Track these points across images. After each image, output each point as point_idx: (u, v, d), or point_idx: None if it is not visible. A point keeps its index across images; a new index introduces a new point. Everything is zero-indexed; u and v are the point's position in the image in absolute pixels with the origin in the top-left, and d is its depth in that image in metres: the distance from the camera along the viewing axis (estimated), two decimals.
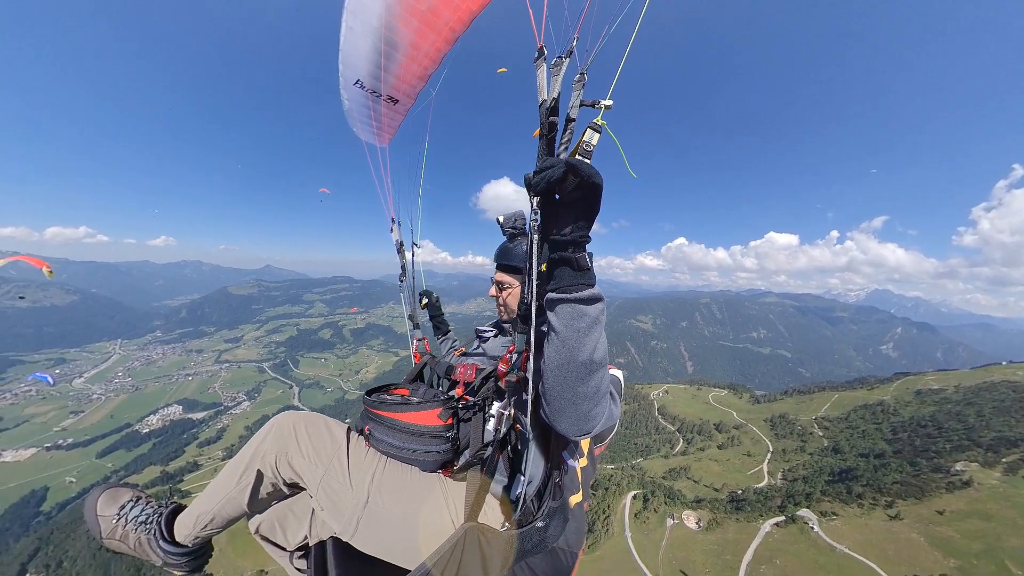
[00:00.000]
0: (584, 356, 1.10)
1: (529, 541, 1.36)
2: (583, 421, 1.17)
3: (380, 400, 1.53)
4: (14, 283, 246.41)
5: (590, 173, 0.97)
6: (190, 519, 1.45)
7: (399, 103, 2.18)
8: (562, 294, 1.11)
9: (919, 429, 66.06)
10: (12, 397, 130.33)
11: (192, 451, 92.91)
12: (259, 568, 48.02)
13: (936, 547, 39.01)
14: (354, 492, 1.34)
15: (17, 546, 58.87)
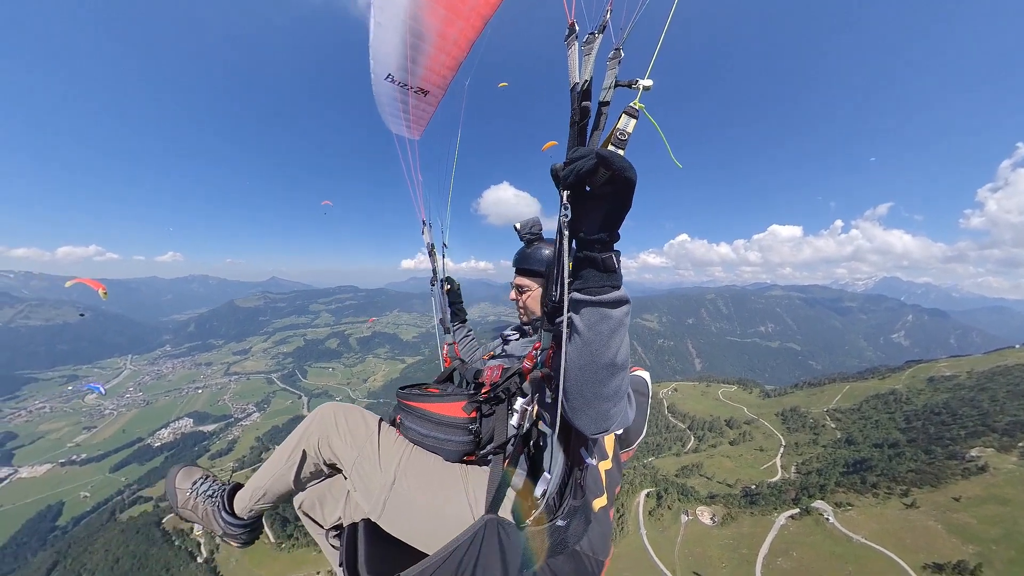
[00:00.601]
0: (607, 358, 1.09)
1: (549, 539, 1.37)
2: (601, 420, 1.17)
3: (411, 393, 1.64)
4: (26, 302, 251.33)
5: (623, 166, 0.89)
6: (247, 494, 1.68)
7: (429, 94, 2.19)
8: (587, 295, 1.07)
9: (933, 417, 65.27)
10: (27, 414, 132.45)
11: (204, 463, 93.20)
12: None
13: (954, 534, 38.65)
14: (382, 474, 1.46)
15: (35, 560, 59.70)
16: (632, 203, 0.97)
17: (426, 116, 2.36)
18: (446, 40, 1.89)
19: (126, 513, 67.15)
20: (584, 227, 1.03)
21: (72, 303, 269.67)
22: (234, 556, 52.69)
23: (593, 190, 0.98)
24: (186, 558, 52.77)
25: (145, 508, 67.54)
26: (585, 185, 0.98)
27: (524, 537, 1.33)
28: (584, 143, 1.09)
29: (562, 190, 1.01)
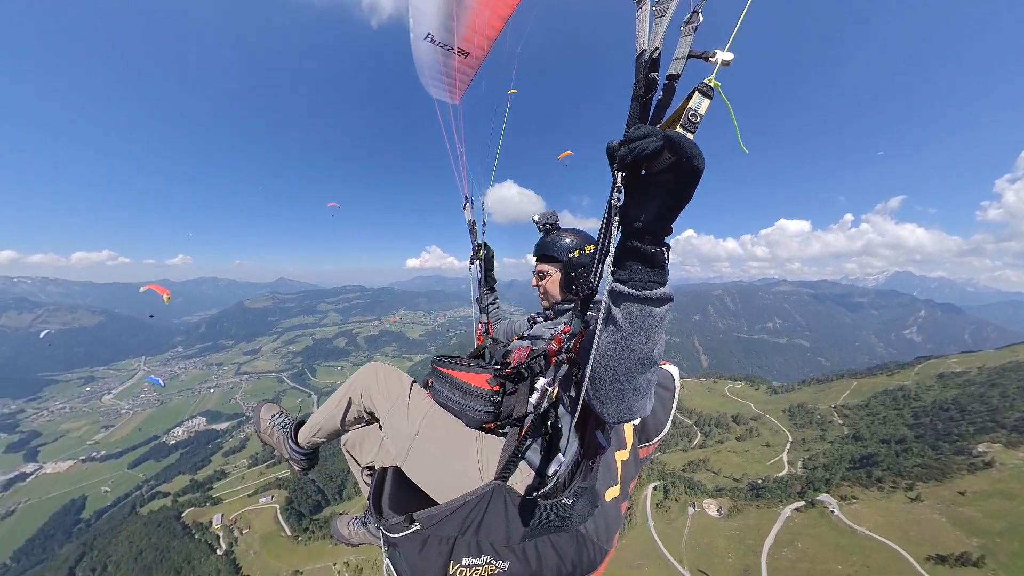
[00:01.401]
0: (642, 354, 1.08)
1: (553, 515, 1.41)
2: (626, 410, 1.20)
3: (444, 360, 1.83)
4: (44, 307, 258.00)
5: (692, 153, 0.80)
6: (307, 429, 2.06)
7: (471, 56, 2.12)
8: (631, 289, 1.01)
9: (941, 413, 64.92)
10: (49, 414, 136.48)
11: (218, 460, 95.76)
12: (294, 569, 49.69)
13: (958, 527, 38.83)
14: (409, 424, 1.67)
15: (63, 552, 62.02)
16: (691, 197, 0.87)
17: (467, 79, 2.28)
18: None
19: (146, 508, 69.38)
20: (635, 215, 0.95)
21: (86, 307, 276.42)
22: (252, 548, 54.42)
23: (650, 175, 0.90)
24: (206, 550, 54.61)
25: (164, 503, 69.73)
26: (642, 168, 0.90)
27: (529, 508, 1.39)
28: (647, 120, 0.97)
29: (616, 171, 0.92)
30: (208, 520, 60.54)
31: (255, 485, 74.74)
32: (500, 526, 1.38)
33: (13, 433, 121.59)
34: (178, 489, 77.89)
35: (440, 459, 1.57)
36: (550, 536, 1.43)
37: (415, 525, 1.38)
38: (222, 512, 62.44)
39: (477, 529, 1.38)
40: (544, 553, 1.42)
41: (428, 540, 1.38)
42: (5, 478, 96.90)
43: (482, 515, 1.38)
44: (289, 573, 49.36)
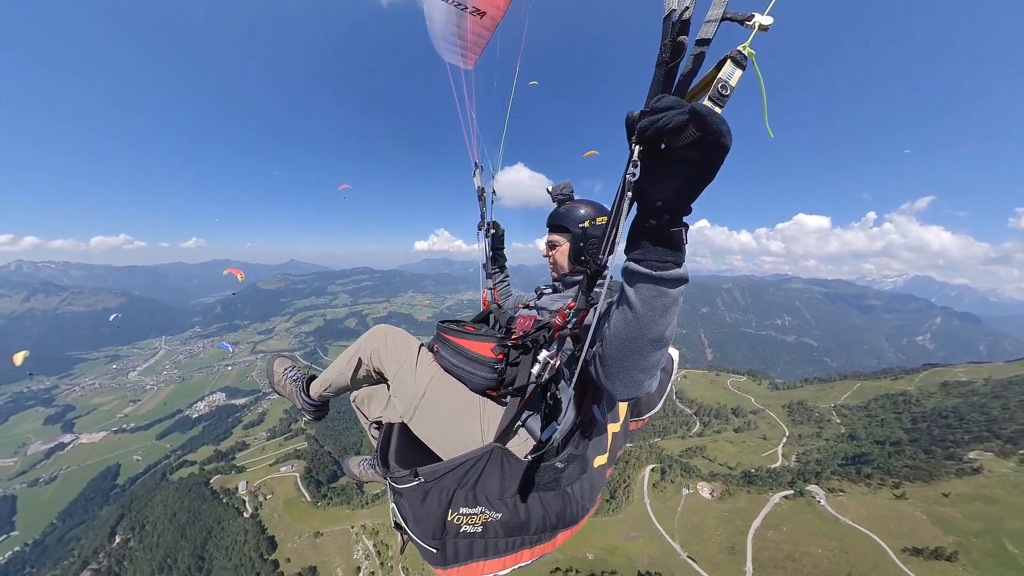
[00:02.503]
0: (654, 334, 1.08)
1: (545, 476, 1.57)
2: (633, 388, 1.23)
3: (450, 327, 1.88)
4: (69, 290, 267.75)
5: (719, 129, 0.71)
6: (318, 383, 2.19)
7: (487, 16, 2.02)
8: (646, 269, 0.99)
9: (939, 419, 65.33)
10: (80, 390, 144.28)
11: (239, 432, 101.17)
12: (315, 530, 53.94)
13: (937, 524, 40.37)
14: (416, 386, 1.77)
15: (103, 513, 67.63)
16: (715, 175, 0.79)
17: (482, 42, 2.17)
18: None
19: (175, 475, 74.48)
20: (654, 192, 0.88)
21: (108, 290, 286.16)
22: (276, 512, 58.83)
23: (672, 151, 0.82)
24: (234, 513, 59.16)
25: (192, 471, 74.77)
26: (662, 142, 0.82)
27: (523, 469, 1.54)
28: (670, 90, 0.85)
29: (634, 144, 0.83)
30: (234, 486, 65.20)
31: (275, 456, 79.54)
32: (495, 482, 1.52)
33: (50, 407, 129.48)
34: (203, 458, 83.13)
35: (444, 419, 1.70)
36: (539, 493, 1.59)
37: (419, 478, 1.51)
38: (246, 479, 67.11)
39: (475, 484, 1.51)
40: (532, 507, 1.57)
41: (429, 492, 1.51)
42: (46, 447, 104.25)
43: (480, 472, 1.51)
44: (311, 533, 53.67)
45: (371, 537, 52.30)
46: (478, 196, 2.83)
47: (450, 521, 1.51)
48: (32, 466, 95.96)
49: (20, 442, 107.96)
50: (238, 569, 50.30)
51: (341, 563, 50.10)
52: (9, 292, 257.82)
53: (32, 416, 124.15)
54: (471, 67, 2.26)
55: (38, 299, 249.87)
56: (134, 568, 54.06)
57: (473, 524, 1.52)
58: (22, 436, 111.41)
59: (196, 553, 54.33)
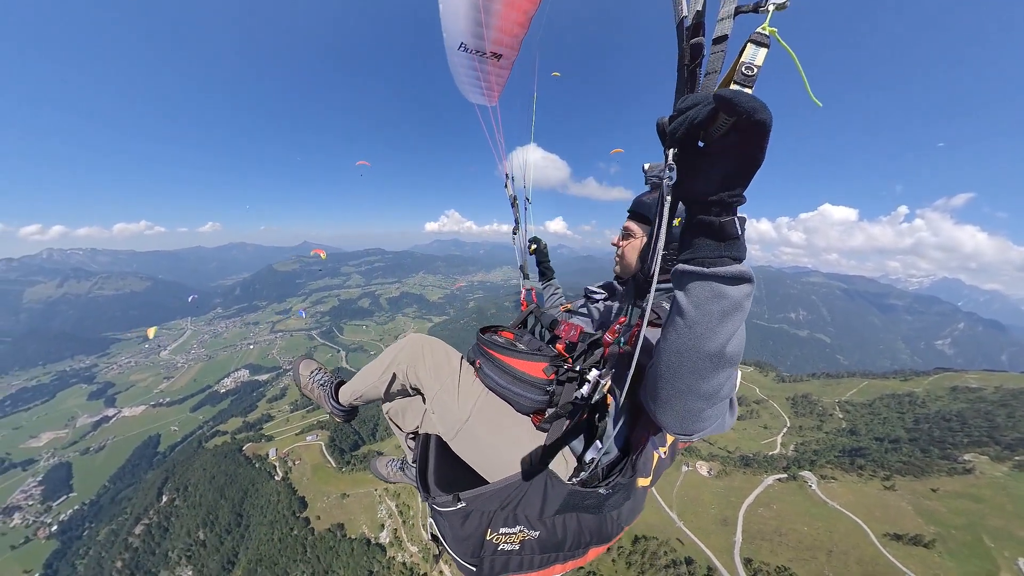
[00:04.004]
0: (712, 347, 0.89)
1: (586, 500, 1.48)
2: (690, 420, 1.02)
3: (493, 341, 1.72)
4: (98, 275, 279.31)
5: (751, 107, 0.65)
6: (348, 391, 2.06)
7: (503, 57, 2.18)
8: (697, 267, 0.86)
9: (942, 422, 64.80)
10: (118, 368, 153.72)
11: (264, 406, 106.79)
12: (341, 492, 57.65)
13: (921, 515, 41.60)
14: (459, 410, 1.64)
15: (149, 477, 73.63)
16: (764, 155, 0.72)
17: (502, 80, 2.34)
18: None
19: (211, 443, 79.87)
20: (699, 188, 0.82)
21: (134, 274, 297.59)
22: (305, 476, 63.12)
23: (710, 145, 0.77)
24: (266, 476, 63.75)
25: (224, 440, 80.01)
26: (698, 140, 0.78)
27: (566, 492, 1.45)
28: (695, 88, 0.87)
29: (667, 148, 0.81)
30: (265, 453, 69.76)
31: (300, 426, 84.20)
32: (536, 503, 1.46)
33: (92, 384, 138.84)
34: (233, 429, 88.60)
35: (489, 442, 1.60)
36: (580, 514, 1.51)
37: (461, 503, 1.45)
38: (275, 447, 71.51)
39: (516, 505, 1.46)
40: (569, 526, 1.51)
41: (470, 514, 1.46)
42: (93, 420, 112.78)
43: (522, 495, 1.45)
44: (338, 495, 57.59)
45: (393, 499, 55.70)
46: (511, 204, 2.84)
47: (488, 540, 1.47)
48: (82, 436, 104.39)
49: (69, 415, 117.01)
50: (273, 525, 54.63)
51: (366, 521, 53.86)
52: (44, 279, 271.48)
53: (77, 392, 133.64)
54: (495, 103, 2.43)
55: (71, 284, 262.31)
56: (180, 523, 59.46)
57: (511, 542, 1.47)
58: (70, 411, 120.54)
59: (234, 511, 59.14)
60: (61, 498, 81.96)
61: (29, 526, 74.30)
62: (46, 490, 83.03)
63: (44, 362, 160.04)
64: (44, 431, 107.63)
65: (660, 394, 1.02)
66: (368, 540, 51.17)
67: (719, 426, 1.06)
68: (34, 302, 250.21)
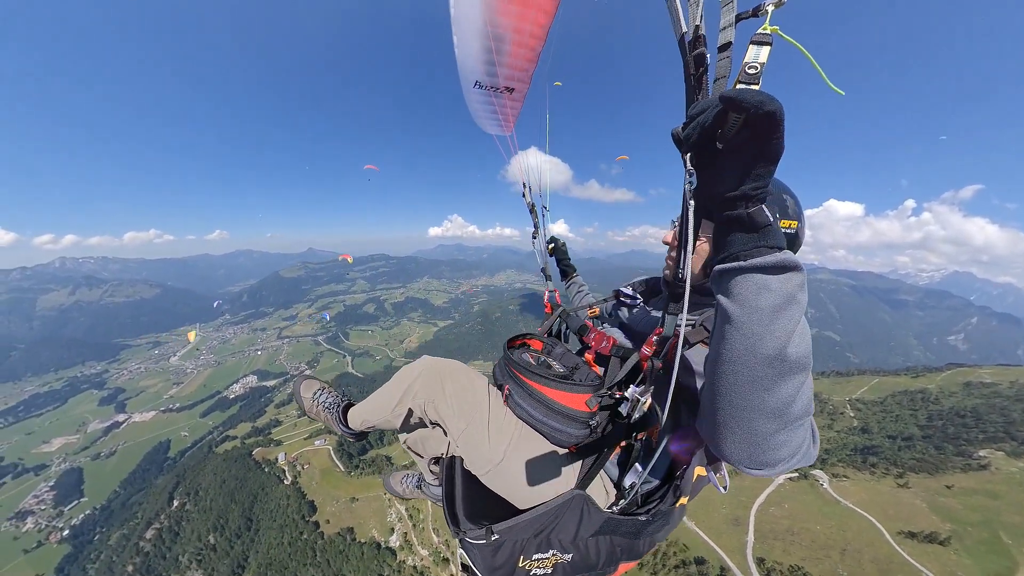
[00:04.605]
0: (769, 349, 0.77)
1: (624, 527, 1.39)
2: (760, 446, 0.84)
3: (525, 364, 1.51)
4: (109, 283, 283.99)
5: (758, 101, 0.65)
6: (358, 418, 1.87)
7: (516, 90, 2.28)
8: (732, 263, 0.80)
9: (956, 419, 63.83)
10: (128, 373, 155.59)
11: (272, 411, 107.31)
12: (351, 496, 57.82)
13: (936, 513, 40.93)
14: (491, 449, 1.49)
15: (159, 481, 74.22)
16: (783, 144, 0.70)
17: (516, 111, 2.44)
18: (523, 34, 1.99)
19: (220, 448, 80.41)
20: (723, 187, 0.79)
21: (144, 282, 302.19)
22: (314, 480, 63.39)
23: (727, 145, 0.75)
24: (276, 481, 64.13)
25: (234, 444, 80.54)
26: (715, 141, 0.76)
27: (603, 519, 1.37)
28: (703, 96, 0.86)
29: (684, 153, 0.81)
30: (274, 457, 70.20)
31: (308, 431, 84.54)
32: (571, 529, 1.39)
33: (103, 389, 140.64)
34: (243, 434, 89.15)
35: (523, 476, 1.48)
36: (614, 538, 1.43)
37: (494, 536, 1.37)
38: (284, 451, 71.90)
39: (550, 532, 1.38)
40: (602, 546, 1.44)
41: (503, 545, 1.39)
42: (103, 425, 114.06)
43: (557, 521, 1.38)
44: (347, 499, 57.71)
45: (402, 503, 55.64)
46: (529, 211, 2.90)
47: (520, 567, 1.39)
48: (93, 442, 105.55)
49: (80, 421, 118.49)
50: (283, 529, 54.83)
51: (376, 525, 53.89)
52: (56, 287, 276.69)
53: (87, 398, 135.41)
54: (510, 133, 2.56)
55: (82, 292, 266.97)
56: (191, 527, 59.78)
57: (543, 566, 1.40)
58: (81, 416, 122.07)
59: (244, 515, 59.40)
60: (73, 503, 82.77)
61: (41, 531, 75.07)
62: (58, 495, 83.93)
63: (56, 368, 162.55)
64: (56, 436, 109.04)
65: (718, 417, 0.88)
66: (378, 544, 51.23)
67: (802, 456, 0.88)
68: (47, 309, 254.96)
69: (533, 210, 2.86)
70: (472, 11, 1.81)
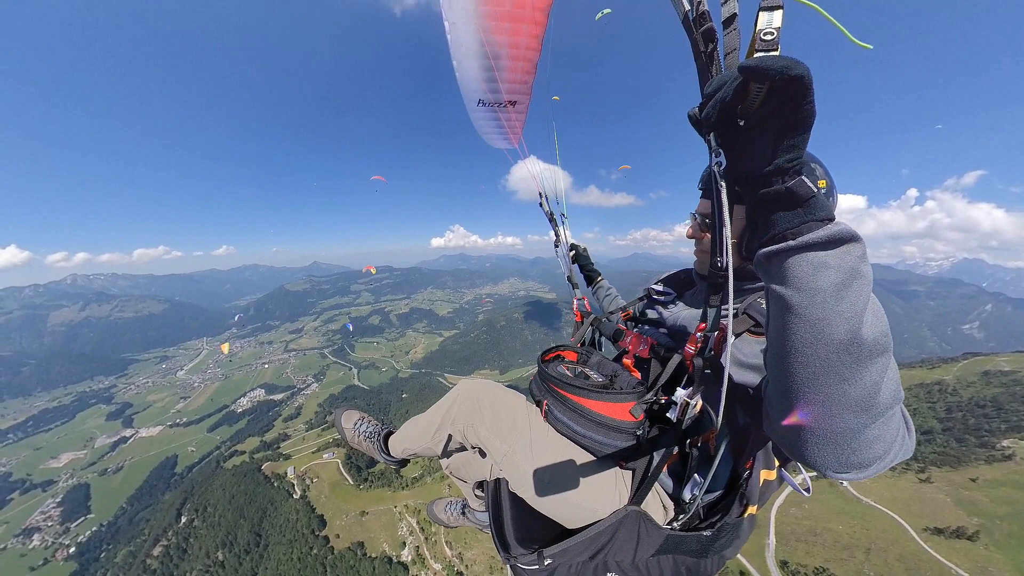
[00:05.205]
0: (841, 332, 0.65)
1: (687, 544, 1.29)
2: (849, 447, 0.71)
3: (561, 377, 1.43)
4: (118, 299, 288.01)
5: (782, 66, 0.57)
6: (398, 446, 1.87)
7: (518, 103, 2.32)
8: (780, 244, 0.70)
9: (976, 409, 62.77)
10: (136, 388, 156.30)
11: (280, 425, 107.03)
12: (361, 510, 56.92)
13: (961, 507, 40.00)
14: (536, 469, 1.39)
15: (167, 498, 73.61)
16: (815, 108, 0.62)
17: (520, 123, 2.47)
18: (519, 47, 2.02)
19: (228, 463, 79.93)
20: (754, 164, 0.71)
21: (152, 297, 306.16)
22: (323, 494, 62.68)
23: (750, 119, 0.68)
24: (285, 495, 63.48)
25: (242, 459, 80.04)
26: (736, 118, 0.69)
27: (663, 537, 1.28)
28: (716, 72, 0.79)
29: (707, 134, 0.76)
30: (283, 472, 69.61)
31: (316, 444, 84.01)
32: (630, 549, 1.29)
33: (111, 404, 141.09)
34: (251, 448, 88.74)
35: (571, 495, 1.37)
36: (678, 557, 1.34)
37: (547, 560, 1.31)
38: (293, 465, 71.30)
39: (607, 553, 1.30)
40: (665, 566, 1.34)
41: (556, 570, 1.32)
42: (110, 440, 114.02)
43: (613, 538, 1.29)
44: (357, 513, 56.85)
45: (414, 515, 54.81)
46: (548, 220, 2.92)
47: None
48: (100, 457, 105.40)
49: (88, 436, 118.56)
50: (292, 544, 53.97)
51: (387, 539, 52.95)
52: (68, 303, 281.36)
53: (95, 413, 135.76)
54: (515, 146, 2.61)
55: (92, 308, 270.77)
56: (199, 544, 58.99)
57: None
58: (89, 431, 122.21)
59: (253, 530, 58.62)
60: (79, 519, 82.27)
61: (48, 548, 74.51)
62: (65, 511, 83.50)
63: (65, 383, 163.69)
64: (64, 452, 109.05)
65: (792, 418, 0.75)
66: (390, 559, 50.32)
67: (899, 450, 0.77)
68: (58, 325, 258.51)
69: (552, 219, 2.86)
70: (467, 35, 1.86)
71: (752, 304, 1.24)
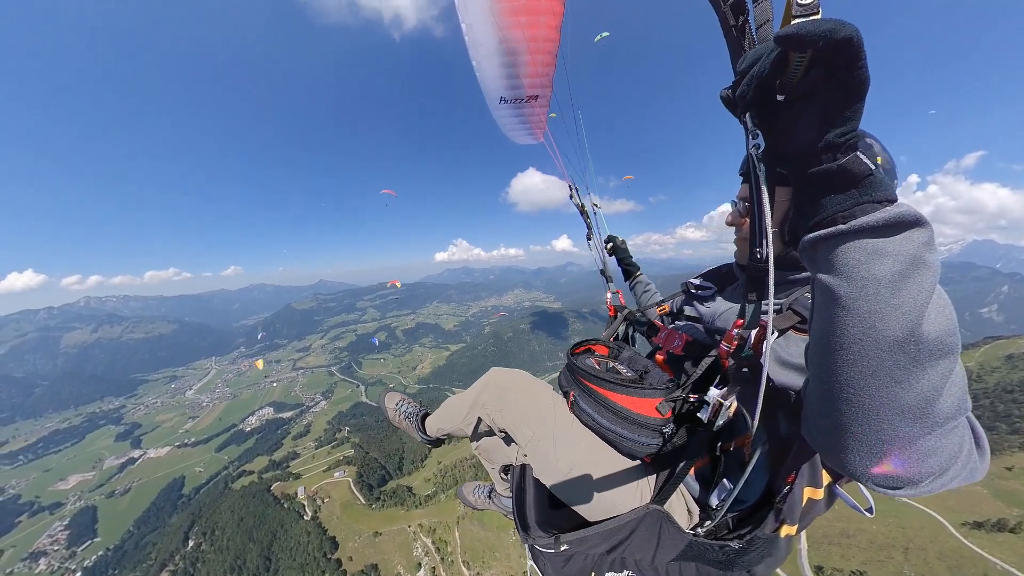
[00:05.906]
0: (896, 329, 0.55)
1: (712, 554, 1.23)
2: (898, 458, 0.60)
3: (591, 370, 1.42)
4: (129, 320, 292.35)
5: (827, 29, 0.49)
6: (433, 426, 2.00)
7: (540, 96, 2.32)
8: (830, 228, 0.59)
9: (1004, 395, 61.14)
10: (145, 408, 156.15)
11: (289, 443, 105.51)
12: (374, 531, 55.03)
13: (999, 498, 38.99)
14: (559, 459, 1.41)
15: (174, 520, 72.07)
16: (868, 73, 0.53)
17: (543, 117, 2.46)
18: (537, 40, 2.00)
19: (237, 484, 78.53)
20: (798, 142, 0.62)
21: (162, 318, 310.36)
22: (335, 514, 60.94)
23: (792, 93, 0.59)
24: (296, 516, 61.79)
25: (252, 479, 78.60)
26: (774, 94, 0.61)
27: (685, 543, 1.23)
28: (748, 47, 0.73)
29: (743, 113, 0.68)
30: (293, 492, 68.00)
31: (326, 463, 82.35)
32: (649, 548, 1.27)
33: (119, 425, 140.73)
34: (260, 468, 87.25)
35: (592, 487, 1.37)
36: (700, 565, 1.28)
37: (563, 546, 1.30)
38: (303, 485, 69.69)
39: (624, 549, 1.29)
40: (686, 573, 1.30)
41: (573, 557, 1.33)
42: (118, 462, 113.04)
43: (632, 535, 1.26)
44: (370, 534, 54.94)
45: (428, 535, 52.86)
46: (580, 212, 2.89)
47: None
48: (108, 479, 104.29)
49: (96, 458, 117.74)
50: (304, 568, 52.11)
51: (401, 560, 51.04)
52: (81, 325, 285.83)
53: (105, 434, 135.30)
54: (540, 140, 2.60)
55: (104, 329, 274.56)
56: (207, 569, 57.26)
57: None
58: (98, 452, 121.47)
59: (263, 554, 56.85)
60: (86, 543, 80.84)
61: (55, 572, 72.93)
62: (72, 534, 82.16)
63: (76, 404, 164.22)
64: (72, 473, 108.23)
65: (835, 422, 0.64)
66: None
67: (961, 468, 0.64)
68: (70, 347, 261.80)
69: (584, 211, 2.83)
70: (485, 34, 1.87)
71: (799, 299, 1.12)
